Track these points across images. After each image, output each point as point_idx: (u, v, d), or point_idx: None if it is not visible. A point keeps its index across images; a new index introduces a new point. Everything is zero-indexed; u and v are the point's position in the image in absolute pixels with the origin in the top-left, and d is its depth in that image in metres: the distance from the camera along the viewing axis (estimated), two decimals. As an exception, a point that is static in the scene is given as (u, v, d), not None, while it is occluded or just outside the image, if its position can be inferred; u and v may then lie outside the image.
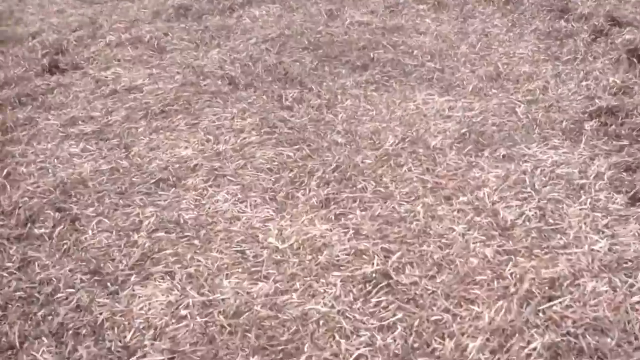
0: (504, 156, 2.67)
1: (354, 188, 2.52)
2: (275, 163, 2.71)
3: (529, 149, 2.70)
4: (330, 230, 2.28)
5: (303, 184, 2.57)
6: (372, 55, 3.71)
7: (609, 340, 1.75)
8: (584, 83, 3.18)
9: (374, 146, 2.82)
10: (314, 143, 2.86)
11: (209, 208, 2.44)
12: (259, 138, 2.90)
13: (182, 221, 2.37)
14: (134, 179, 2.65)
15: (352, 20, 4.26)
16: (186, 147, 2.87)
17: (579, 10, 4.01)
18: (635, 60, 3.30)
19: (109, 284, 2.07)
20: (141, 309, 1.94)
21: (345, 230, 2.28)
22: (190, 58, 3.84)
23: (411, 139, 2.84)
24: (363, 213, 2.37)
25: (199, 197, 2.51)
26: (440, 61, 3.61)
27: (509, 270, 2.01)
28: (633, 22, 3.75)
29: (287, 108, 3.21)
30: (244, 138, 2.90)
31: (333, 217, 2.35)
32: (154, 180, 2.62)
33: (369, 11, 4.43)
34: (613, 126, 2.78)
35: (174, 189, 2.58)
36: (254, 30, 4.22)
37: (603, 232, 2.18)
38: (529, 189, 2.44)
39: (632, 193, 2.36)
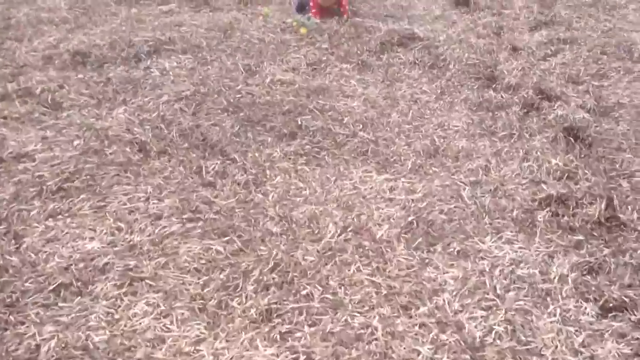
0: (458, 252, 2.43)
1: (298, 295, 2.17)
2: (203, 261, 2.31)
3: (483, 242, 2.48)
4: (277, 356, 1.91)
5: (238, 289, 2.19)
6: (299, 122, 3.40)
7: None
8: (525, 164, 3.03)
9: (314, 236, 2.50)
10: (246, 233, 2.49)
11: (125, 326, 2.00)
12: (181, 227, 2.48)
13: (91, 346, 1.91)
14: (27, 284, 2.15)
15: (273, 78, 3.94)
16: (92, 239, 2.40)
17: (506, 80, 3.91)
18: (572, 139, 3.22)
19: None
20: None
21: (295, 355, 1.92)
22: (91, 117, 3.35)
23: (354, 228, 2.55)
24: (312, 330, 2.03)
25: (111, 310, 2.06)
26: (373, 131, 3.36)
27: (493, 411, 1.74)
28: (561, 96, 3.70)
29: (210, 185, 2.82)
30: (164, 227, 2.48)
31: (278, 337, 1.99)
32: (52, 287, 2.14)
33: (290, 68, 4.13)
34: (565, 217, 2.63)
35: (79, 298, 2.11)
36: (165, 86, 3.78)
37: (581, 353, 1.98)
38: (491, 295, 2.21)
39: (601, 302, 2.18)
